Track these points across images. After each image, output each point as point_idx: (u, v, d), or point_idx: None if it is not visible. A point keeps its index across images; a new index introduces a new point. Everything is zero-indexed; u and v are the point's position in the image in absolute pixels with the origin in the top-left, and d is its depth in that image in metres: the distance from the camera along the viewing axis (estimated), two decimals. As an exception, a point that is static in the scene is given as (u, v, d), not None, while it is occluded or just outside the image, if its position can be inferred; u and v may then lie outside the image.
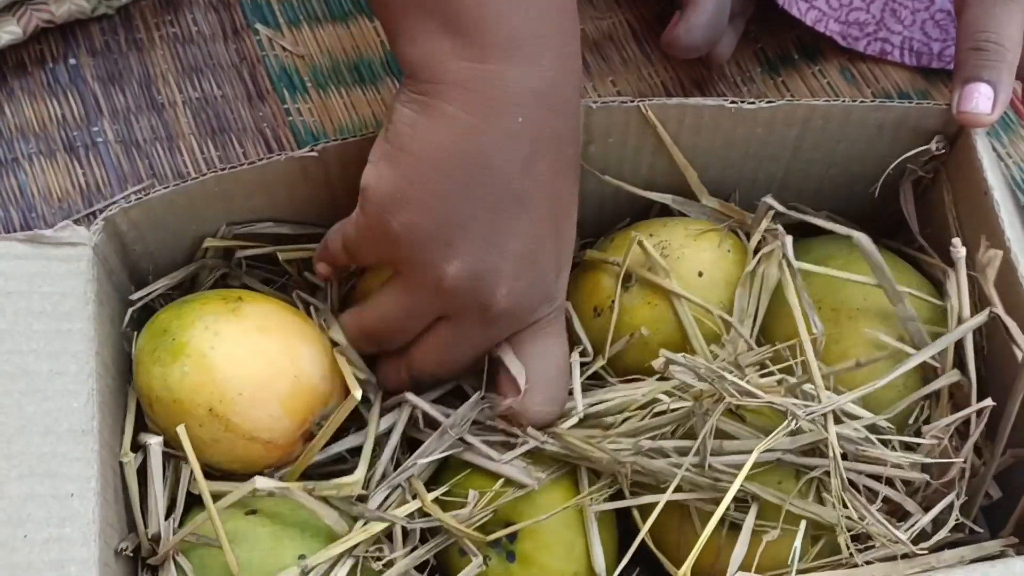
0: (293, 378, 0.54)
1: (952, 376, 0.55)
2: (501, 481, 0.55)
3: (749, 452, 0.50)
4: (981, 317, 0.55)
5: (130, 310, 0.58)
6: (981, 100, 0.58)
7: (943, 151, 0.60)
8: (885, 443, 0.53)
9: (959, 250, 0.56)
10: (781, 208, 0.60)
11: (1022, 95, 0.64)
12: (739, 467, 0.50)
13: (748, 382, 0.51)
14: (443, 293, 0.52)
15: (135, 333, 0.58)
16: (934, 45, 0.77)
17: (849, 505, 0.51)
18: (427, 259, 0.52)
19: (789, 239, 0.57)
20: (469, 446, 0.55)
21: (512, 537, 0.55)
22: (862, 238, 0.55)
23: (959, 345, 0.56)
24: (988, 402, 0.53)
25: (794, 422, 0.50)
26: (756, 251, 0.60)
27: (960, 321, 0.56)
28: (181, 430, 0.53)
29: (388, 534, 0.54)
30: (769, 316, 0.59)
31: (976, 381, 0.55)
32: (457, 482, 0.56)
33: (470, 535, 0.54)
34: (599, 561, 0.55)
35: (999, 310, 0.54)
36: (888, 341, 0.55)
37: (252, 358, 0.53)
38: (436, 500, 0.55)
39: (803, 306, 0.55)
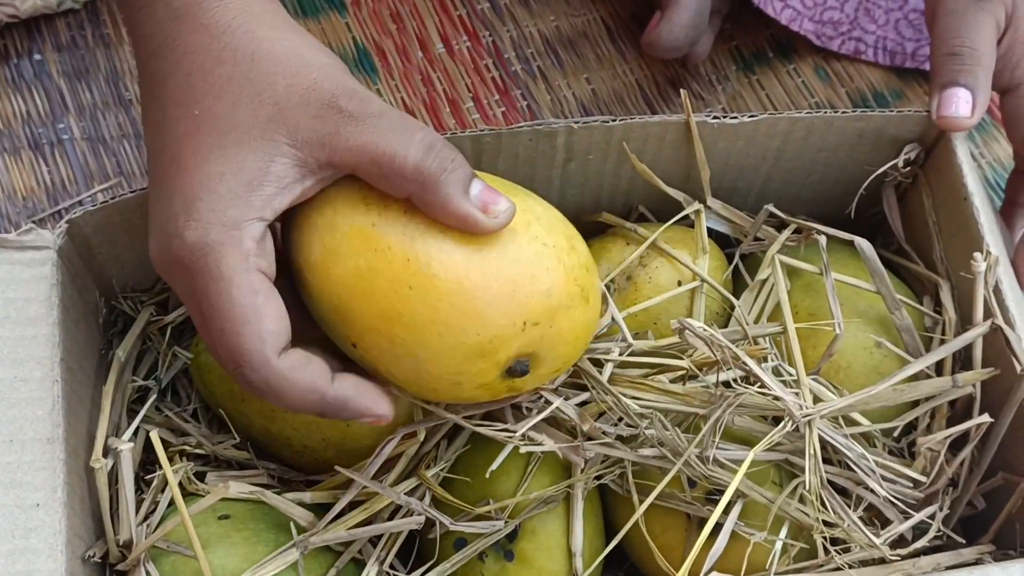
0: None
1: (964, 388, 0.54)
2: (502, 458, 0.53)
3: (743, 450, 0.50)
4: (983, 328, 0.54)
5: (100, 323, 0.57)
6: (960, 104, 0.58)
7: (919, 159, 0.60)
8: (870, 442, 0.53)
9: (979, 264, 0.55)
10: (783, 216, 0.60)
11: (997, 96, 0.64)
12: (730, 467, 0.50)
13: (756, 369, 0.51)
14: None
15: (114, 337, 0.57)
16: (908, 45, 0.77)
17: (828, 507, 0.51)
18: None
19: (823, 239, 0.57)
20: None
21: (511, 536, 0.54)
22: (864, 244, 0.55)
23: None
24: (986, 418, 0.53)
25: (790, 423, 0.50)
26: (745, 257, 0.61)
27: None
28: (154, 435, 0.52)
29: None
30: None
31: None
32: (460, 459, 0.55)
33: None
34: (577, 539, 0.54)
35: (1000, 320, 0.54)
36: (892, 348, 0.56)
37: None
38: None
39: (831, 307, 0.55)
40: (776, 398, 0.51)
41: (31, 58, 0.74)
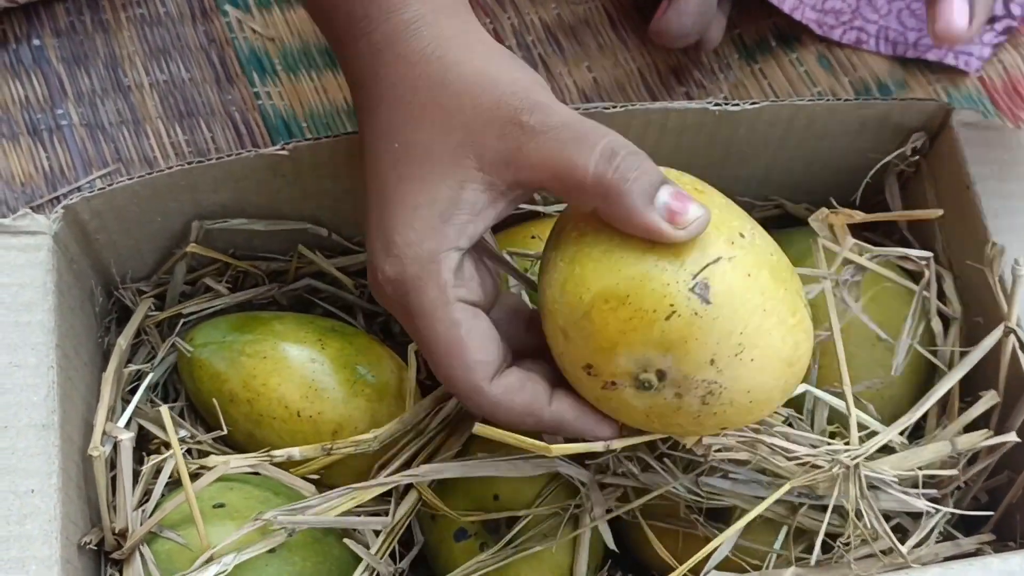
0: None
1: (990, 400, 0.54)
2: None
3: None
4: (998, 333, 0.54)
5: (97, 310, 0.57)
6: (955, 14, 0.54)
7: (924, 148, 0.60)
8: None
9: (1021, 267, 0.54)
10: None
11: (1000, 86, 0.63)
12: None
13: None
14: None
15: (111, 324, 0.57)
16: (910, 35, 0.77)
17: (865, 515, 0.50)
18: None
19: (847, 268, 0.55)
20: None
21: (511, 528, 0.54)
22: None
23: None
24: (1013, 437, 0.52)
25: (836, 466, 0.49)
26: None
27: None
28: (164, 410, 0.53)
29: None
30: None
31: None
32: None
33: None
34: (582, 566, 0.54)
35: (1013, 324, 0.53)
36: (923, 352, 0.56)
37: None
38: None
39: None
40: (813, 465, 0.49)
41: (30, 43, 0.73)
